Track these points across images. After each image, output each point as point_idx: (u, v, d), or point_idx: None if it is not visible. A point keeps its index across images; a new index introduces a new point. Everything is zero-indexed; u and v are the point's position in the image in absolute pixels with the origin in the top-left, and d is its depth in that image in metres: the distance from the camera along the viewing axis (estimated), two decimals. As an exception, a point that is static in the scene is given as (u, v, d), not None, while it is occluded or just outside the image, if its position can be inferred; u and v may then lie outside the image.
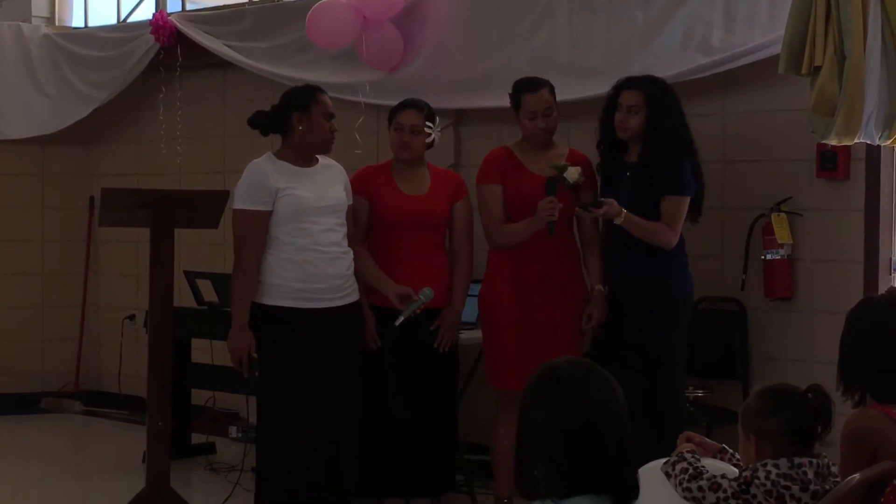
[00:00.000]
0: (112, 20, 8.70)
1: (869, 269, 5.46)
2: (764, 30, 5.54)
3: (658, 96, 5.20)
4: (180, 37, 7.80)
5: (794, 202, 5.64)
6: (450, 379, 5.52)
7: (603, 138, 5.37)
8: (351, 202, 5.30)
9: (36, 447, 7.51)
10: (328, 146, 5.22)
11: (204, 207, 5.21)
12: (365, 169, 5.61)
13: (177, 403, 5.51)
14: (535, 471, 2.48)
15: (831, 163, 5.51)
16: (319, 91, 5.26)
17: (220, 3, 8.11)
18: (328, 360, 5.07)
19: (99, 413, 8.42)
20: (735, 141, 5.86)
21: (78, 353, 8.68)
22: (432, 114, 5.47)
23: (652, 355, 5.10)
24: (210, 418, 7.55)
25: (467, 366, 5.97)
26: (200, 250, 7.49)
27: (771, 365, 5.68)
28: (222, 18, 7.76)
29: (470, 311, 5.65)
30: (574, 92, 5.80)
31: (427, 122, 5.42)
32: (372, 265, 5.33)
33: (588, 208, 5.17)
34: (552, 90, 5.37)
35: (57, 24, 8.81)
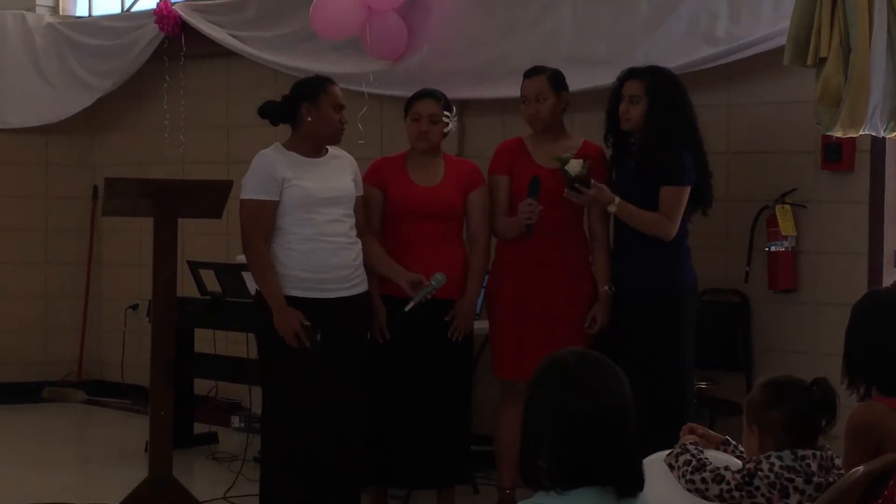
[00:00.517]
0: (116, 9, 8.69)
1: (873, 262, 5.46)
2: (769, 21, 5.53)
3: (660, 86, 5.16)
4: (184, 26, 7.80)
5: (799, 194, 5.63)
6: (462, 370, 5.50)
7: (609, 130, 5.35)
8: (361, 193, 5.28)
9: (38, 436, 7.52)
10: (337, 137, 5.20)
11: (207, 197, 5.20)
12: (380, 160, 5.61)
13: (179, 393, 5.51)
14: (540, 461, 2.48)
15: (836, 154, 5.50)
16: (330, 82, 5.23)
17: (224, -7, 8.10)
18: (334, 350, 5.06)
19: (101, 402, 8.43)
20: (739, 132, 5.85)
21: (81, 343, 8.68)
22: (449, 103, 5.45)
23: (652, 347, 5.09)
24: (212, 408, 7.55)
25: (472, 355, 5.96)
26: (203, 240, 7.49)
27: (774, 357, 5.67)
28: (226, 8, 7.75)
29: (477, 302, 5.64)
30: (578, 82, 5.77)
31: (444, 112, 5.41)
32: (382, 254, 5.32)
33: (574, 185, 5.12)
34: (554, 79, 5.34)
35: (61, 13, 8.81)
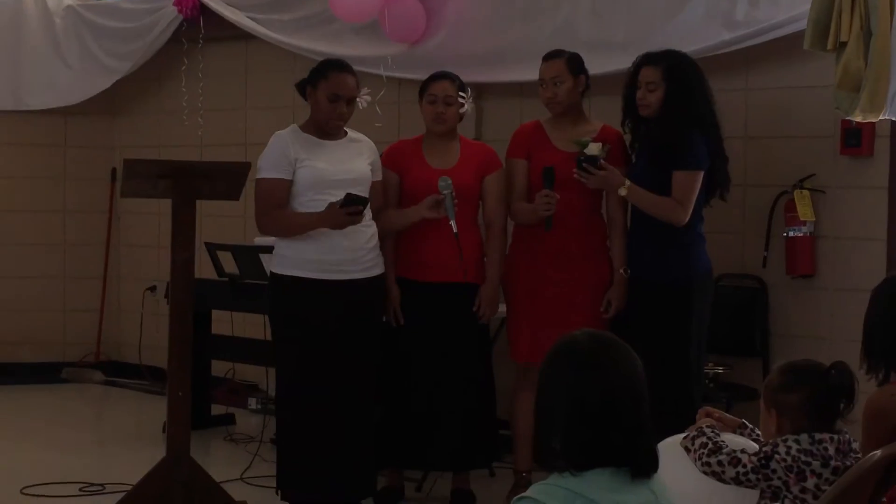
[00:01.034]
0: (135, -8, 8.69)
1: (892, 247, 5.43)
2: (788, 4, 5.49)
3: (677, 72, 5.14)
4: (203, 9, 7.80)
5: (817, 179, 5.61)
6: (481, 352, 5.50)
7: (627, 116, 5.34)
8: (379, 178, 5.28)
9: (57, 416, 7.56)
10: (330, 126, 5.14)
11: (226, 179, 5.20)
12: (397, 143, 5.61)
13: (197, 374, 5.51)
14: (554, 443, 2.48)
15: (855, 139, 5.47)
16: (333, 69, 5.17)
17: (243, -25, 8.10)
18: (344, 332, 5.07)
19: (119, 383, 8.47)
20: (758, 117, 5.83)
21: (99, 324, 8.72)
22: (463, 85, 5.45)
23: (662, 333, 5.08)
24: (230, 390, 7.58)
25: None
26: (222, 222, 7.51)
27: (791, 342, 5.66)
28: (245, -10, 7.75)
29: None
30: (596, 67, 5.75)
31: (460, 93, 5.41)
32: (393, 213, 5.32)
33: (583, 165, 5.11)
34: (572, 62, 5.33)
35: (80, -4, 8.81)
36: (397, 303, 5.33)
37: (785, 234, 5.64)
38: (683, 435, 3.43)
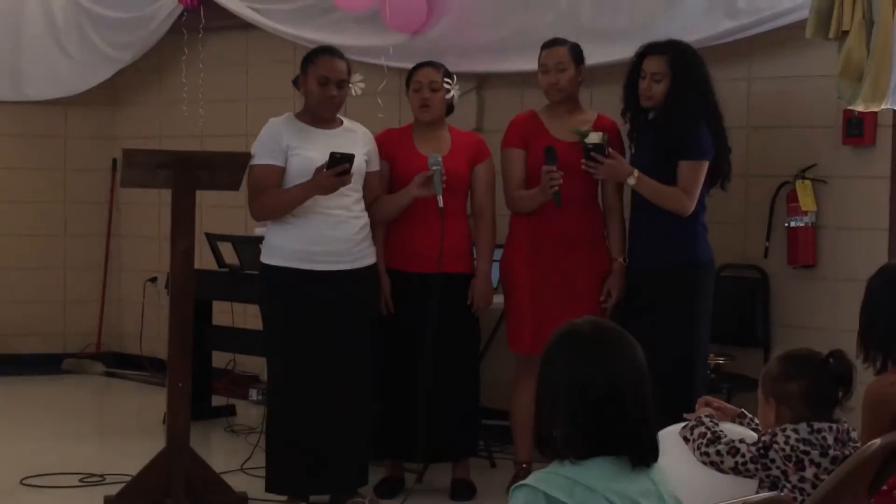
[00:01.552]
0: (135, -18, 8.68)
1: (894, 237, 5.42)
2: (791, -7, 5.48)
3: (682, 63, 5.13)
4: (203, -2, 7.78)
5: (819, 169, 5.59)
6: (470, 343, 5.51)
7: (628, 106, 5.33)
8: (376, 168, 5.26)
9: (58, 407, 7.56)
10: (322, 110, 5.12)
11: (226, 169, 5.20)
12: (385, 132, 5.59)
13: (197, 365, 5.51)
14: (555, 431, 2.47)
15: (857, 129, 5.46)
16: (321, 53, 5.17)
17: (244, -35, 8.09)
18: (333, 323, 5.06)
19: (120, 374, 8.47)
20: (760, 107, 5.81)
21: (100, 315, 8.72)
22: (449, 72, 5.44)
23: (666, 322, 5.07)
24: (230, 381, 7.57)
25: (488, 330, 5.96)
26: (222, 213, 7.50)
27: (793, 332, 5.65)
28: (246, -20, 7.73)
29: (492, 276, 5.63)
30: (598, 56, 5.76)
31: (445, 79, 5.40)
32: (385, 198, 5.30)
33: (591, 155, 5.08)
34: (574, 51, 5.34)
35: (80, -14, 8.80)
36: (388, 292, 5.32)
37: (787, 224, 5.62)
38: (682, 424, 3.42)
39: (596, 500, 2.39)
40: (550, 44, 5.37)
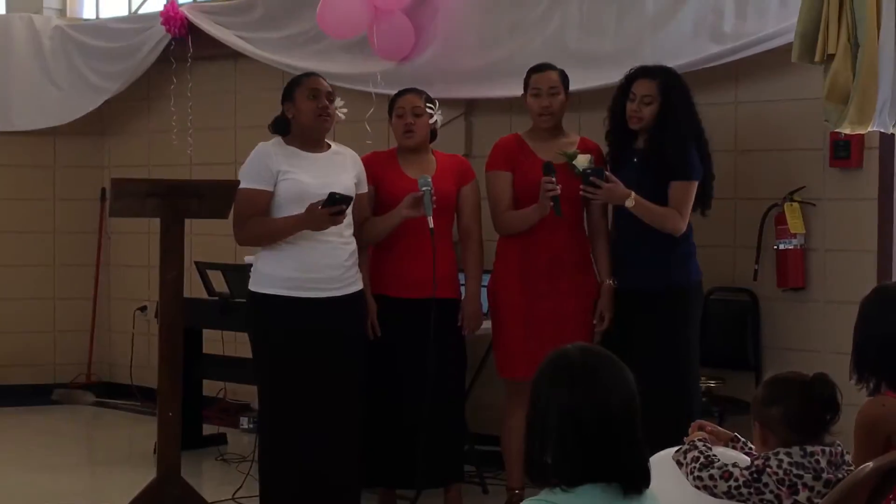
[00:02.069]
0: (123, 11, 8.71)
1: (883, 259, 5.43)
2: (776, 17, 5.51)
3: (672, 87, 5.17)
4: (191, 27, 7.80)
5: (807, 191, 5.61)
6: (458, 368, 5.50)
7: (613, 127, 5.35)
8: (365, 191, 5.27)
9: (48, 438, 7.53)
10: (318, 124, 5.11)
11: (214, 197, 5.19)
12: (371, 154, 5.58)
13: (188, 394, 5.50)
14: (546, 458, 2.46)
15: (845, 151, 5.49)
16: (305, 75, 5.23)
17: (231, -6, 8.11)
18: (325, 350, 5.04)
19: (110, 404, 8.43)
20: (748, 130, 5.83)
21: (90, 345, 8.70)
22: (430, 98, 5.47)
23: (657, 342, 5.08)
24: (221, 409, 7.55)
25: (478, 356, 5.96)
26: (211, 241, 7.48)
27: (784, 355, 5.65)
28: (233, 9, 7.75)
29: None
30: (585, 81, 5.78)
31: (427, 104, 5.41)
32: (374, 220, 5.30)
33: (589, 179, 5.08)
34: (563, 76, 5.37)
35: (68, 16, 8.82)
36: (374, 316, 5.31)
37: (776, 247, 5.64)
38: (676, 449, 3.42)
39: (588, 527, 2.39)
40: (541, 68, 5.39)
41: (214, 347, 7.08)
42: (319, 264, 5.04)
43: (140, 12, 8.55)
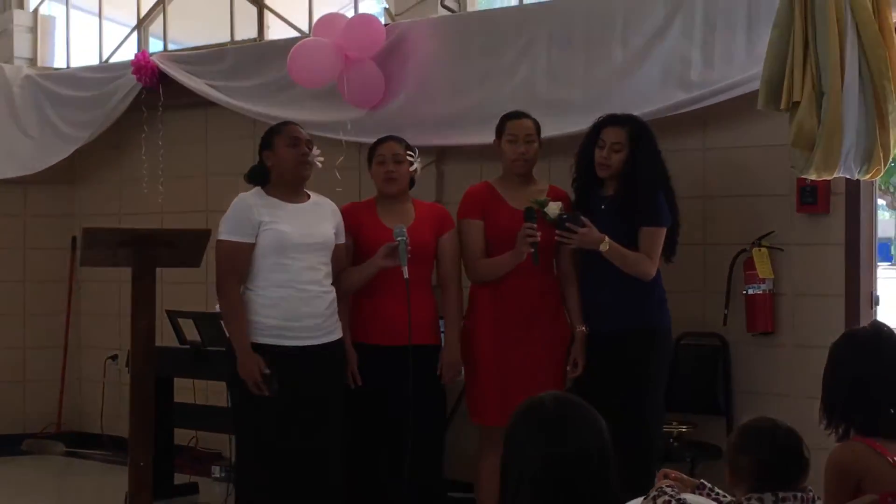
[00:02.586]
0: (94, 60, 8.72)
1: (850, 303, 5.48)
2: (742, 65, 5.58)
3: (640, 134, 5.22)
4: (162, 76, 7.82)
5: (775, 237, 5.66)
6: (438, 415, 5.49)
7: (579, 174, 5.38)
8: (343, 241, 5.29)
9: (18, 489, 7.45)
10: (299, 171, 5.15)
11: (186, 246, 5.20)
12: (350, 205, 5.59)
13: (159, 443, 5.48)
14: (518, 505, 2.48)
15: (811, 197, 5.54)
16: (284, 124, 5.28)
17: (202, 43, 8.14)
18: (306, 398, 5.03)
19: (81, 454, 8.36)
20: (715, 176, 5.89)
21: (60, 394, 8.63)
22: (410, 146, 5.50)
23: (623, 386, 5.08)
24: (193, 458, 7.51)
25: (451, 402, 5.95)
26: (182, 289, 7.47)
27: (754, 399, 5.68)
28: (204, 58, 7.78)
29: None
30: (554, 128, 5.82)
31: (408, 152, 5.45)
32: (351, 270, 5.32)
33: (566, 225, 5.12)
34: (537, 125, 5.41)
35: (39, 65, 8.82)
36: (355, 365, 5.31)
37: (744, 292, 5.68)
38: (643, 498, 3.42)
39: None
40: (518, 115, 5.43)
41: (186, 396, 7.05)
42: (300, 313, 5.04)
43: (111, 61, 8.57)
